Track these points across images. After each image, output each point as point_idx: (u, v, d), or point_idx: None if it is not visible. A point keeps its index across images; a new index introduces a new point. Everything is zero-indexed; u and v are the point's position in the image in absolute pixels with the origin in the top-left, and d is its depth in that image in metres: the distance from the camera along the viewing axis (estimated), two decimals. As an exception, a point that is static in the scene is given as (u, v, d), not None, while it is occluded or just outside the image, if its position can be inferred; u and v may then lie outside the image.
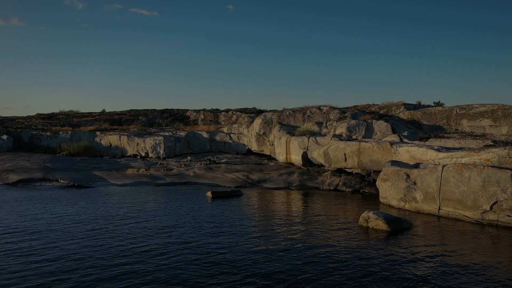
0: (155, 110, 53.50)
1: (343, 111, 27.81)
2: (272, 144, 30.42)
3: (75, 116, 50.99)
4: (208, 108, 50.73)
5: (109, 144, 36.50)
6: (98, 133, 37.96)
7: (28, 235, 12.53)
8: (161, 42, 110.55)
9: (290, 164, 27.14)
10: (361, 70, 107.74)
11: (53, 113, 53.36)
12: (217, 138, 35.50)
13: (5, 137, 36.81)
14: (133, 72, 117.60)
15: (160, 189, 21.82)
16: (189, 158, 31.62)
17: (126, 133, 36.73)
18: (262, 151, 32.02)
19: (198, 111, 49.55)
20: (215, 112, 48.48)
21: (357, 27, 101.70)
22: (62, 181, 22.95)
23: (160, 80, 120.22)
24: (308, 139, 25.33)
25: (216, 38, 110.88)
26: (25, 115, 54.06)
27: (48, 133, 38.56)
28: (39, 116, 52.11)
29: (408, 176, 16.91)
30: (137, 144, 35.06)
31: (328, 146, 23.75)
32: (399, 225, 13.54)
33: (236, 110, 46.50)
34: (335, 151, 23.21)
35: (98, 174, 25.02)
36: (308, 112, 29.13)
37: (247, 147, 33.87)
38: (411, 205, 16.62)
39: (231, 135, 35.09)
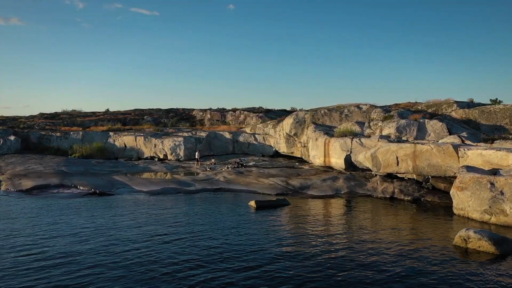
0: (160, 109, 51.68)
1: (386, 109, 25.40)
2: (305, 146, 28.03)
3: (78, 115, 49.14)
4: (214, 107, 49.20)
5: (123, 145, 34.11)
6: (111, 133, 35.56)
7: (53, 254, 10.18)
8: (162, 41, 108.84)
9: (328, 168, 24.74)
10: (363, 68, 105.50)
11: (56, 112, 51.56)
12: (241, 139, 33.07)
13: (12, 137, 34.41)
14: (134, 71, 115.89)
15: (192, 197, 19.44)
16: (213, 160, 29.23)
17: (142, 134, 34.34)
18: (292, 153, 29.63)
19: (204, 111, 47.70)
20: (222, 111, 46.77)
21: (355, 25, 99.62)
22: (81, 188, 20.55)
23: (162, 80, 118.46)
24: (352, 140, 22.93)
25: (217, 38, 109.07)
26: (25, 114, 52.42)
27: (58, 134, 36.16)
28: (42, 115, 50.22)
29: (492, 184, 14.52)
30: (155, 145, 32.66)
31: (376, 148, 21.36)
32: (508, 246, 11.15)
33: (244, 110, 44.83)
34: (385, 154, 20.82)
35: (120, 179, 22.61)
36: (345, 111, 26.71)
37: (274, 149, 31.47)
38: (498, 219, 14.21)
39: (256, 135, 32.69)
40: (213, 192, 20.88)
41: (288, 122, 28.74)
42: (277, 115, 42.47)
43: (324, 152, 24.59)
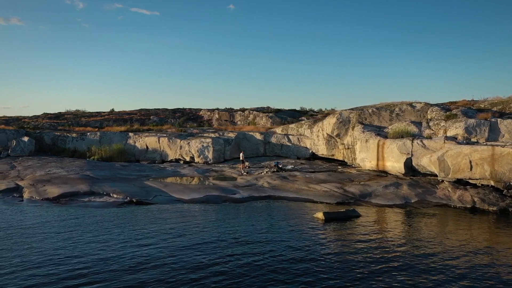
0: (166, 109, 50.05)
1: (444, 108, 23.07)
2: (349, 148, 25.69)
3: (83, 115, 47.54)
4: (219, 107, 47.65)
5: (145, 146, 31.77)
6: (130, 134, 33.25)
7: (120, 274, 7.95)
8: (163, 41, 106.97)
9: (381, 173, 22.41)
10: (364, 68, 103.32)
11: (60, 112, 50.26)
12: (273, 140, 30.72)
13: (26, 139, 32.08)
14: (135, 71, 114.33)
15: (242, 207, 17.11)
16: (247, 163, 26.88)
17: (165, 135, 32.01)
18: (333, 155, 27.29)
19: (212, 111, 46.07)
20: (230, 111, 45.29)
21: (355, 24, 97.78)
22: (115, 196, 18.19)
23: (164, 79, 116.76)
24: (412, 142, 20.60)
25: (218, 38, 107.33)
26: (25, 114, 50.81)
27: (74, 134, 33.84)
28: (46, 115, 48.77)
29: None
30: (180, 147, 30.31)
31: (444, 151, 19.04)
32: None
33: (253, 110, 43.41)
34: (455, 157, 18.51)
35: (154, 185, 20.28)
36: (396, 109, 24.38)
37: (310, 151, 29.11)
38: None
39: (289, 136, 30.34)
40: (262, 200, 18.55)
41: (330, 122, 26.39)
42: (288, 115, 41.37)
43: (377, 155, 22.26)
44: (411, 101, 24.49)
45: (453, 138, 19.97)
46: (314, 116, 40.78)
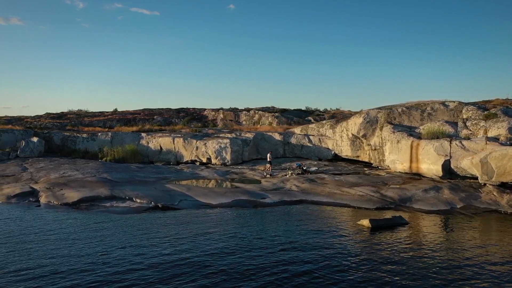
0: (170, 109, 49.49)
1: (480, 107, 21.93)
2: (375, 149, 24.53)
3: (86, 115, 46.76)
4: (222, 107, 47.11)
5: (159, 147, 30.63)
6: (143, 134, 32.11)
7: None
8: (163, 42, 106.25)
9: (414, 175, 21.25)
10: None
11: (62, 112, 49.61)
12: (293, 140, 29.56)
13: (35, 139, 30.90)
14: (134, 72, 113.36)
15: (276, 212, 15.94)
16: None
17: (180, 135, 30.86)
18: (358, 156, 26.13)
19: (216, 110, 45.53)
20: (235, 111, 44.78)
21: (356, 24, 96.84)
22: (138, 200, 17.00)
23: (164, 79, 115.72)
24: (450, 143, 19.45)
25: (218, 38, 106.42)
26: (25, 114, 50.15)
27: (84, 135, 32.68)
28: (49, 115, 48.04)
29: None
30: (196, 148, 29.16)
31: (487, 153, 17.89)
32: None
33: (258, 109, 42.93)
34: (500, 159, 17.35)
35: (177, 189, 19.12)
36: (428, 109, 23.22)
37: (332, 152, 27.95)
38: None
39: (310, 137, 29.18)
40: (294, 205, 17.37)
41: (356, 121, 25.22)
42: (294, 115, 40.73)
43: (410, 156, 21.10)
44: (444, 99, 23.34)
45: (495, 139, 18.84)
46: (320, 116, 39.99)
